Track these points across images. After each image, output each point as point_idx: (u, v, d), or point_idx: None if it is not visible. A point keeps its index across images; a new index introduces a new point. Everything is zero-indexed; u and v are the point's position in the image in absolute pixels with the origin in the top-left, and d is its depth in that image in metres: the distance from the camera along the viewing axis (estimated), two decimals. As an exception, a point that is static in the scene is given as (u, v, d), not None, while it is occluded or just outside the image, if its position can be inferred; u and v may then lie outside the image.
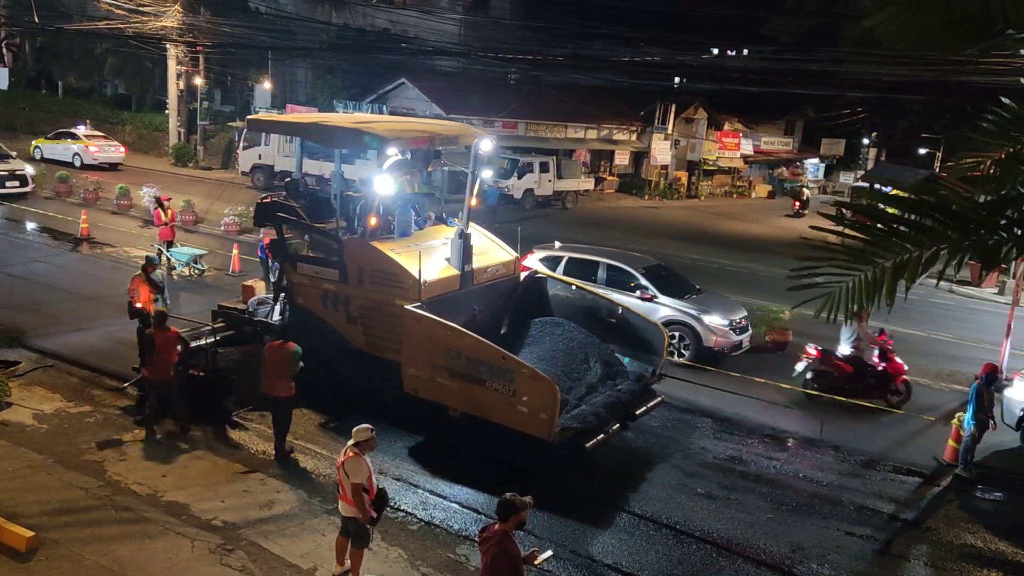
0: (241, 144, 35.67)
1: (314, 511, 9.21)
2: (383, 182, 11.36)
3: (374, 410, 10.84)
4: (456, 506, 9.51)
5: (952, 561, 9.18)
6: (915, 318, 17.59)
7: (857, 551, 9.25)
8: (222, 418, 11.18)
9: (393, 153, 11.91)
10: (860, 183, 44.64)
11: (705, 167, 47.75)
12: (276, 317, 11.97)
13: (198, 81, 37.96)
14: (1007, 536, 9.82)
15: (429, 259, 10.99)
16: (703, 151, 47.31)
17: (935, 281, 3.96)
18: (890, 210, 4.20)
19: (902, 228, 4.05)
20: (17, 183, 26.23)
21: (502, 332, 11.91)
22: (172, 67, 36.70)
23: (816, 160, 55.74)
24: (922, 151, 48.70)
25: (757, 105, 47.38)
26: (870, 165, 52.12)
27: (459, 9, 45.38)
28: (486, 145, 12.25)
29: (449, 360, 9.94)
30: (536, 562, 6.08)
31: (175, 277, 18.34)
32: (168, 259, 18.63)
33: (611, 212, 37.90)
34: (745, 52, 41.46)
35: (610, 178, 45.24)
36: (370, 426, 7.66)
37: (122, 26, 32.64)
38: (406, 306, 10.39)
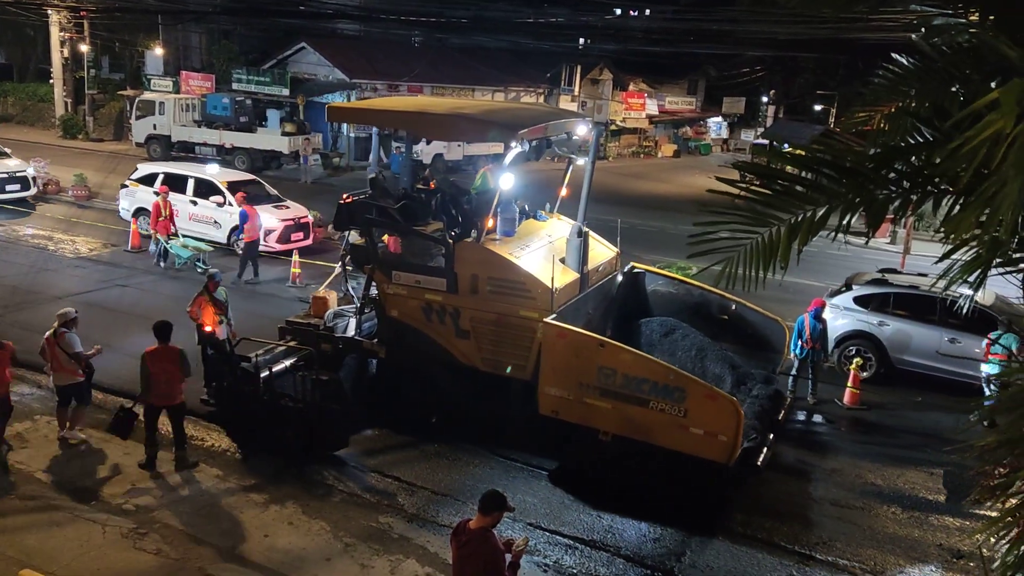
0: (134, 114, 34.18)
1: (230, 489, 9.05)
2: (508, 178, 9.89)
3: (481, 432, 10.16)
4: (376, 475, 9.49)
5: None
6: (815, 270, 18.32)
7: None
8: (337, 460, 9.80)
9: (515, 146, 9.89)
10: (760, 140, 45.84)
11: (612, 128, 48.22)
12: (352, 332, 10.65)
13: (84, 48, 36.09)
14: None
15: (549, 263, 9.76)
16: (609, 112, 47.73)
17: (831, 234, 4.08)
18: (787, 169, 4.32)
19: (798, 187, 4.18)
20: (18, 186, 22.94)
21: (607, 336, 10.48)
22: (55, 34, 34.78)
23: (719, 118, 56.97)
24: (818, 107, 50.29)
25: (661, 65, 47.95)
26: (770, 122, 53.51)
27: (359, -30, 44.26)
28: (582, 129, 11.03)
29: (601, 378, 8.85)
30: (516, 549, 5.80)
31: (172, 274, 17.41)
32: (165, 254, 17.63)
33: (523, 175, 37.91)
34: (648, 12, 41.84)
35: (519, 141, 45.17)
36: (74, 309, 8.64)
37: (-2, -10, 30.68)
38: (546, 319, 9.23)
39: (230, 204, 18.67)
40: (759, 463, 8.90)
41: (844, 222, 4.08)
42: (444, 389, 10.09)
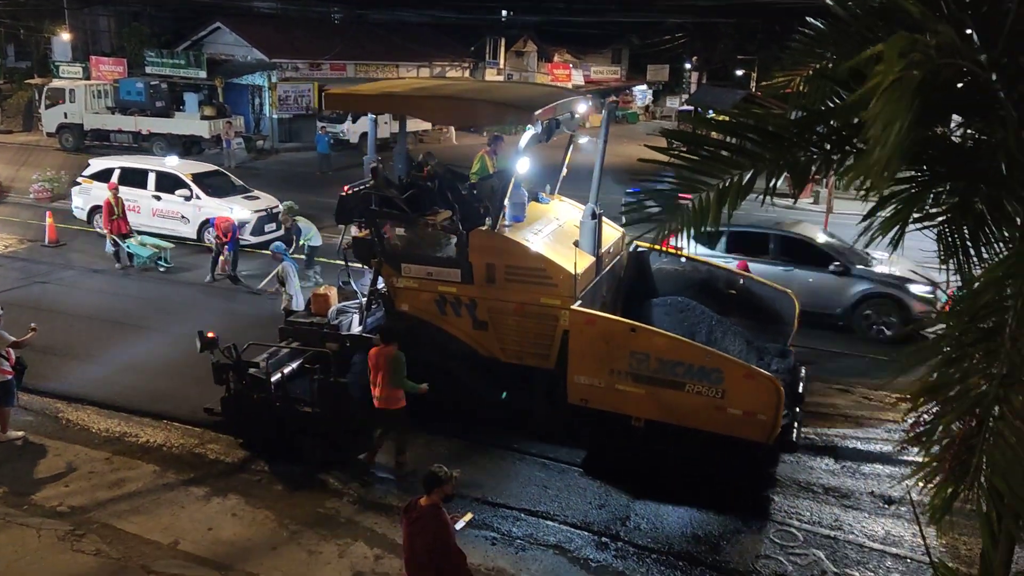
0: (43, 103, 32.81)
1: (169, 484, 8.87)
2: (524, 162, 9.56)
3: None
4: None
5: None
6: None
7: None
8: (364, 469, 9.35)
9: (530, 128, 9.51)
10: (685, 107, 46.42)
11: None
12: (357, 328, 10.23)
13: (-15, 36, 34.37)
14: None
15: (565, 247, 9.55)
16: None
17: (759, 197, 4.16)
18: (713, 135, 4.39)
19: (723, 153, 4.25)
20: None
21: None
22: (-48, 21, 33.00)
23: (644, 87, 57.45)
24: (739, 72, 51.11)
25: (585, 36, 48.10)
26: (693, 88, 54.18)
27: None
28: (582, 107, 10.68)
29: (634, 364, 8.66)
30: (457, 527, 5.92)
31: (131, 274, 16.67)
32: (127, 254, 16.74)
33: (453, 150, 37.70)
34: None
35: (448, 116, 44.85)
36: None
37: None
38: (573, 307, 8.99)
39: (197, 197, 18.07)
40: (793, 439, 8.83)
41: (770, 185, 4.17)
42: (464, 383, 9.75)
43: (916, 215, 4.06)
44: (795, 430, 8.91)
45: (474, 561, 7.51)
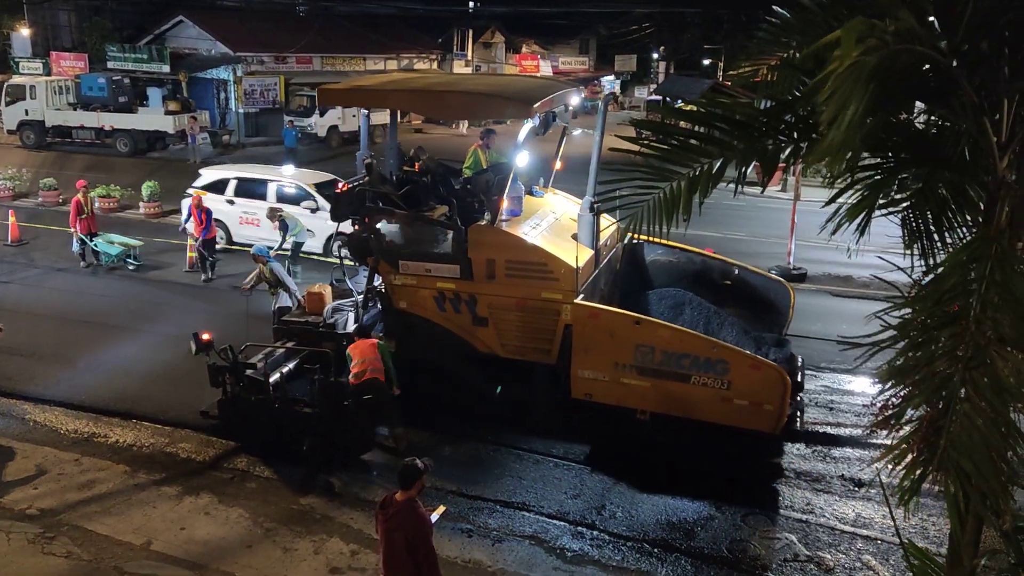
0: (3, 100, 32.15)
1: (140, 484, 8.77)
2: (523, 156, 9.56)
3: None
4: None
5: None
6: (712, 221, 18.82)
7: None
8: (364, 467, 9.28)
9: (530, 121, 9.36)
10: (653, 96, 46.56)
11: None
12: (352, 326, 10.04)
13: (-58, 32, 33.58)
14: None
15: (564, 241, 9.50)
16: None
17: (728, 185, 4.19)
18: (682, 124, 4.41)
19: (692, 141, 4.27)
20: None
21: None
22: (-94, 16, 32.19)
23: (611, 77, 57.52)
24: (706, 61, 51.39)
25: (552, 26, 48.06)
26: (661, 78, 54.35)
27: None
28: (575, 99, 10.63)
29: (639, 357, 8.69)
30: (432, 519, 5.87)
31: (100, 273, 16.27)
32: (93, 253, 16.31)
33: (425, 141, 37.52)
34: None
35: (417, 107, 44.64)
36: None
37: None
38: (576, 301, 8.95)
39: (321, 209, 16.27)
40: (797, 427, 8.92)
41: (740, 173, 4.20)
42: (463, 380, 9.75)
43: (881, 201, 4.11)
44: (799, 419, 8.97)
45: (450, 554, 7.54)
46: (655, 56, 57.78)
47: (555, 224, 10.15)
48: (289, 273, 15.27)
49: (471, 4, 42.34)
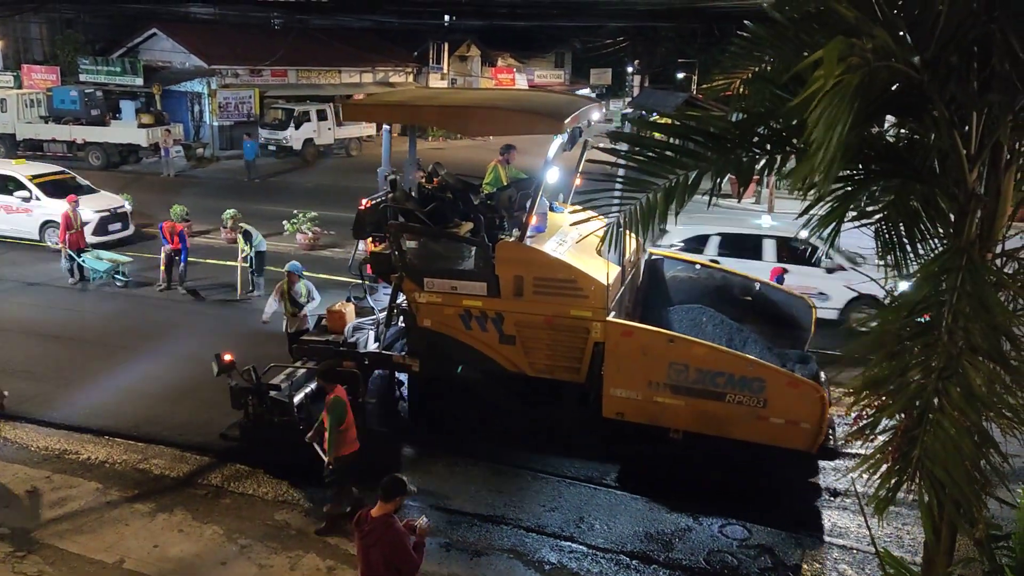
0: (-27, 113, 31.78)
1: (113, 502, 8.63)
2: (553, 172, 9.47)
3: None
4: (268, 475, 9.25)
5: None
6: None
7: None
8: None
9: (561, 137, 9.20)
10: (628, 110, 46.84)
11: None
12: (373, 345, 9.88)
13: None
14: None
15: (591, 257, 9.32)
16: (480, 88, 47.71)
17: (705, 195, 4.23)
18: (656, 135, 4.45)
19: (668, 153, 4.31)
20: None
21: None
22: None
23: (587, 90, 57.82)
24: (680, 75, 51.81)
25: (528, 40, 48.30)
26: (636, 91, 54.72)
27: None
28: (596, 115, 10.48)
29: (673, 375, 8.56)
30: (420, 530, 5.80)
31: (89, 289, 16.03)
32: (80, 269, 16.09)
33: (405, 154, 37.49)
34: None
35: (392, 121, 44.61)
36: None
37: None
38: (609, 319, 8.82)
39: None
40: (832, 445, 8.80)
41: (715, 184, 4.24)
42: (491, 399, 9.62)
43: (853, 213, 4.16)
44: (832, 437, 8.85)
45: (429, 569, 7.47)
46: (630, 70, 58.17)
47: (580, 240, 9.91)
48: (252, 285, 15.25)
49: (447, 18, 42.41)
